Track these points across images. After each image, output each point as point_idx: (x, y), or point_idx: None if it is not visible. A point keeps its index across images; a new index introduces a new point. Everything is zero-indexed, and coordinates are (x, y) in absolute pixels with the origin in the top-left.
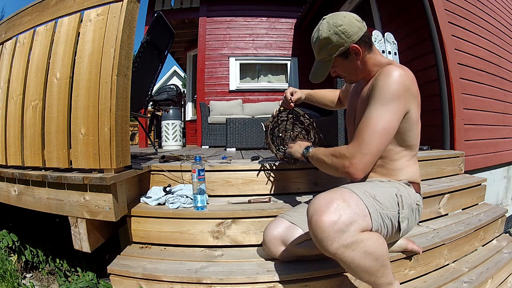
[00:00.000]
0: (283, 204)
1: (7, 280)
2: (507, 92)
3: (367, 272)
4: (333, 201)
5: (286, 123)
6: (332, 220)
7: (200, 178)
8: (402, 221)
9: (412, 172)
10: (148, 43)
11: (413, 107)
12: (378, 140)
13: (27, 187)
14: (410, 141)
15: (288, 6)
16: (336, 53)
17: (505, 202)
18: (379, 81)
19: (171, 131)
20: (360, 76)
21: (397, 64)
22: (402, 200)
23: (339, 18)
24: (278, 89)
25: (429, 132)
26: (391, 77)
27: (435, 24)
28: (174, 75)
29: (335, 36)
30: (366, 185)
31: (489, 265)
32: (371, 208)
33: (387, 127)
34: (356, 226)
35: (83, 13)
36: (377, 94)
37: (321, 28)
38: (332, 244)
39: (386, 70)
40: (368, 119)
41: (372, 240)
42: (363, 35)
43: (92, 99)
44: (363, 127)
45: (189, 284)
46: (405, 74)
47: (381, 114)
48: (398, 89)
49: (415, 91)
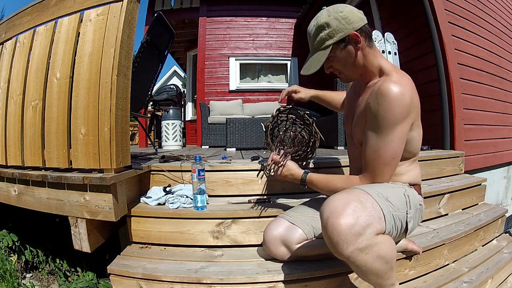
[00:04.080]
0: (283, 204)
1: (7, 280)
2: (507, 92)
3: (376, 275)
4: (349, 202)
5: (286, 123)
6: (349, 223)
7: (200, 178)
8: (409, 221)
9: (414, 175)
10: (148, 43)
11: (416, 116)
12: (389, 170)
13: (27, 187)
14: (413, 151)
15: (288, 6)
16: (334, 38)
17: (505, 202)
18: (380, 106)
19: (171, 131)
20: (358, 72)
21: (395, 77)
22: (410, 200)
23: (340, 5)
24: (278, 89)
25: (429, 132)
26: (392, 100)
27: (435, 24)
28: (174, 75)
29: (335, 21)
30: (377, 187)
31: (489, 265)
32: (386, 210)
33: (396, 155)
34: (372, 229)
35: (83, 13)
36: (380, 121)
37: (320, 15)
38: (347, 247)
39: (385, 90)
40: (376, 151)
41: (385, 243)
42: (363, 25)
43: (92, 99)
44: (372, 159)
45: (189, 284)
46: (404, 91)
47: (388, 145)
48: (401, 113)
49: (415, 102)
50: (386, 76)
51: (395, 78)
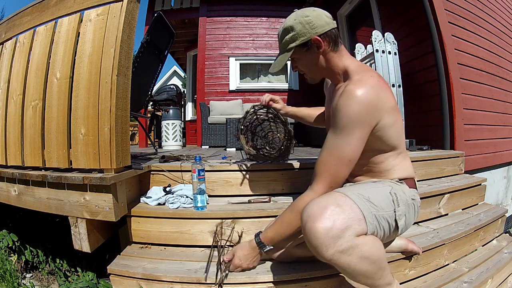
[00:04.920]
0: (283, 204)
1: (7, 280)
2: (507, 92)
3: (365, 276)
4: (327, 206)
5: (258, 120)
6: (326, 227)
7: (200, 178)
8: (399, 219)
9: (402, 169)
10: (148, 43)
11: (383, 117)
12: (345, 170)
13: (27, 187)
14: (390, 144)
15: (288, 6)
16: (296, 42)
17: (505, 202)
18: (341, 107)
19: (171, 131)
20: (321, 74)
21: (356, 79)
22: (397, 197)
23: (307, 10)
24: (278, 89)
25: (429, 132)
26: (352, 101)
27: (435, 24)
28: (174, 75)
29: (299, 25)
30: (359, 188)
31: (489, 265)
32: (366, 211)
33: (353, 157)
34: (351, 231)
35: (83, 13)
36: (339, 121)
37: (288, 18)
38: (327, 250)
39: (346, 92)
40: (331, 151)
41: (368, 244)
42: (329, 30)
43: (92, 99)
44: (327, 160)
45: (189, 284)
46: (366, 92)
47: (346, 146)
48: (360, 113)
49: (381, 101)
50: (350, 80)
51: (358, 79)
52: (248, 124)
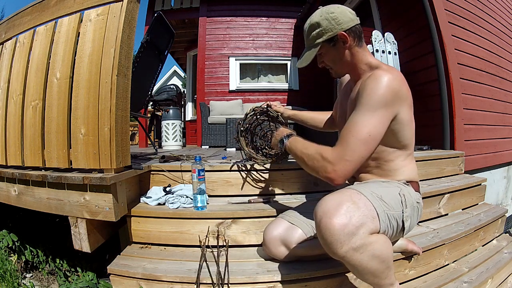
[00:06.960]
0: (283, 204)
1: (7, 280)
2: (507, 92)
3: (373, 274)
4: (342, 202)
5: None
6: (342, 223)
7: (200, 178)
8: (406, 220)
9: (409, 171)
10: (148, 43)
11: (403, 109)
12: (363, 147)
13: (27, 187)
14: (403, 141)
15: (288, 6)
16: (323, 37)
17: (505, 202)
18: (367, 86)
19: (171, 131)
20: (346, 69)
21: (385, 67)
22: (405, 199)
23: (332, 6)
24: (278, 89)
25: (429, 132)
26: (380, 82)
27: (435, 24)
28: (174, 75)
29: (325, 21)
30: (371, 186)
31: (489, 265)
32: (379, 210)
33: (372, 134)
34: (365, 229)
35: (83, 13)
36: (364, 99)
37: (314, 15)
38: (341, 247)
39: (375, 75)
40: (353, 125)
41: (379, 242)
42: (353, 26)
43: (92, 99)
44: (348, 132)
45: (189, 284)
46: (393, 78)
47: (367, 120)
48: (386, 95)
49: (404, 93)
50: (377, 69)
51: (386, 69)
52: (248, 126)
